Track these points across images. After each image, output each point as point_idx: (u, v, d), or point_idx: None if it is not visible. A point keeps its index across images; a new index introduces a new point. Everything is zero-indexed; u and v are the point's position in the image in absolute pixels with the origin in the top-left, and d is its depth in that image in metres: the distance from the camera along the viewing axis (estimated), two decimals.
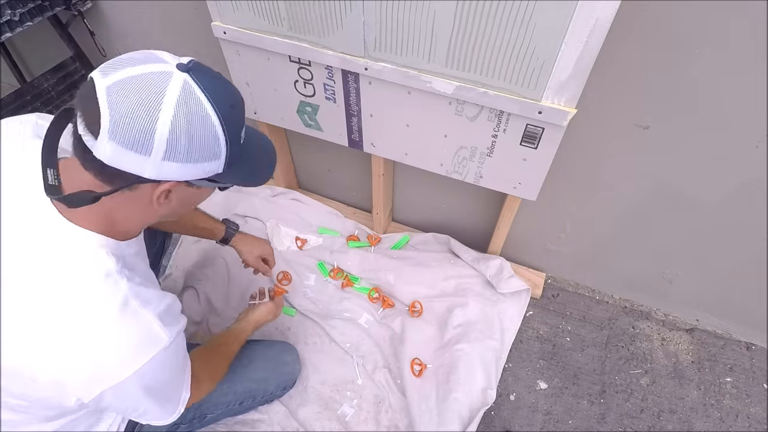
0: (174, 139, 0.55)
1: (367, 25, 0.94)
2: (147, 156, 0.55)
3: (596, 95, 0.98)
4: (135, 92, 0.54)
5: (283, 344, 1.21)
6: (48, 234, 0.62)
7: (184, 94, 0.56)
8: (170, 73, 0.56)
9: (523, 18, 0.80)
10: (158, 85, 0.55)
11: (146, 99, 0.54)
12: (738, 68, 0.86)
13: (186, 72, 0.57)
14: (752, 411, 1.26)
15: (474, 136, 1.05)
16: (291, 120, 1.27)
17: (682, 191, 1.11)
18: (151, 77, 0.55)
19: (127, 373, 0.62)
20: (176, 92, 0.55)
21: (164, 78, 0.55)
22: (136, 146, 0.54)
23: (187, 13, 1.31)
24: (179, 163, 0.57)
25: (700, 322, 1.41)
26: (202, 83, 0.57)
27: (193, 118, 0.56)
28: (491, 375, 1.25)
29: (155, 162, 0.56)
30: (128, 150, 0.54)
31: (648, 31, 0.87)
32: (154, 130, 0.54)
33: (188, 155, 0.57)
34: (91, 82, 0.55)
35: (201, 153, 0.58)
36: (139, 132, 0.54)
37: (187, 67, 0.57)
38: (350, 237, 1.55)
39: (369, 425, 1.19)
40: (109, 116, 0.53)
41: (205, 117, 0.57)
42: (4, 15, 1.28)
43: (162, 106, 0.54)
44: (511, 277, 1.40)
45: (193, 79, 0.57)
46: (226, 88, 0.61)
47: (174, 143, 0.55)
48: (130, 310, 0.62)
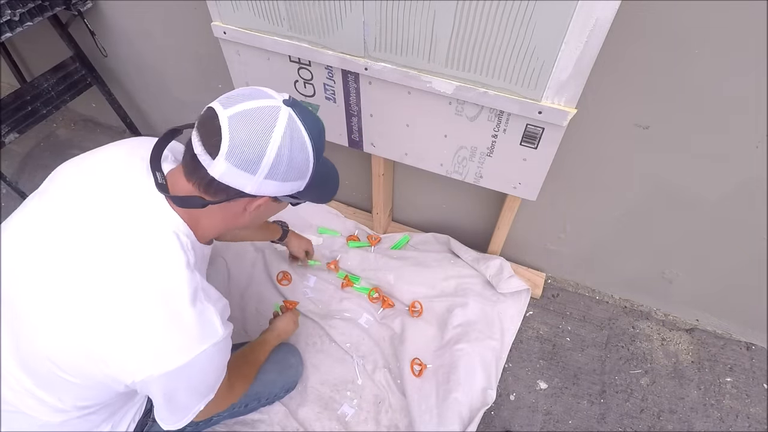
0: (278, 162, 0.66)
1: (367, 25, 0.94)
2: (252, 175, 0.65)
3: (596, 95, 0.98)
4: (252, 123, 0.64)
5: (287, 346, 1.21)
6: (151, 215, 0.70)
7: (289, 125, 0.66)
8: (278, 107, 0.67)
9: (523, 18, 0.80)
10: (270, 117, 0.65)
11: (261, 129, 0.65)
12: (738, 68, 0.86)
13: (290, 107, 0.68)
14: (752, 411, 1.26)
15: (474, 136, 1.05)
16: None
17: (682, 191, 1.11)
18: (263, 111, 0.66)
19: (182, 360, 0.67)
20: (284, 124, 0.66)
21: (274, 112, 0.66)
22: (246, 166, 0.65)
23: (187, 13, 1.31)
24: (276, 182, 0.68)
25: (700, 322, 1.41)
26: (301, 116, 0.68)
27: (294, 144, 0.67)
28: (491, 375, 1.25)
29: (258, 180, 0.66)
30: (239, 169, 0.65)
31: (648, 31, 0.87)
32: (263, 154, 0.65)
33: (286, 176, 0.68)
34: (212, 112, 0.65)
35: (295, 173, 0.69)
36: (252, 155, 0.64)
37: (290, 102, 0.69)
38: (350, 237, 1.55)
39: (369, 425, 1.19)
40: (228, 141, 0.63)
41: (303, 144, 0.68)
42: (4, 15, 1.28)
43: (273, 135, 0.65)
44: (511, 277, 1.40)
45: (295, 112, 0.68)
46: (316, 119, 0.73)
47: (276, 165, 0.66)
48: (198, 301, 0.69)
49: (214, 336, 0.70)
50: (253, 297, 1.40)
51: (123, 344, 0.65)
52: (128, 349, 0.66)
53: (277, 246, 1.52)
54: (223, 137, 0.63)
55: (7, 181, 1.51)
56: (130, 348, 0.66)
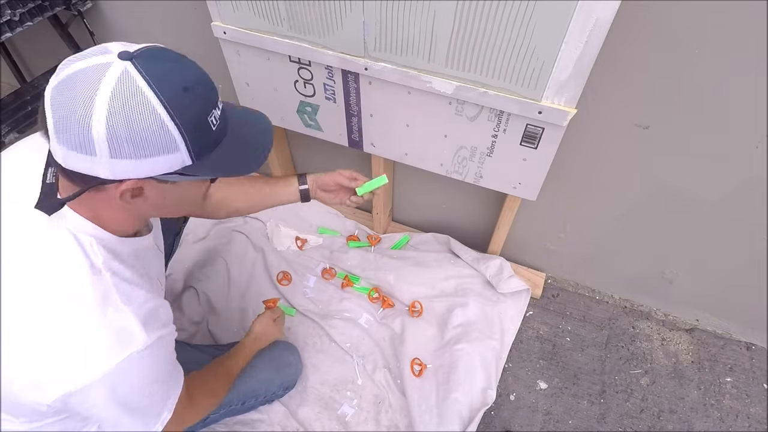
0: (114, 135, 0.51)
1: (367, 25, 0.94)
2: (93, 155, 0.52)
3: (596, 95, 0.98)
4: (71, 91, 0.51)
5: (285, 344, 1.21)
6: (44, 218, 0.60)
7: (120, 86, 0.51)
8: (108, 64, 0.52)
9: (523, 18, 0.80)
10: (93, 79, 0.51)
11: (80, 97, 0.51)
12: (738, 68, 0.86)
13: (129, 59, 0.52)
14: (752, 411, 1.26)
15: (474, 136, 1.05)
16: (291, 120, 1.27)
17: (682, 191, 1.11)
18: (88, 72, 0.52)
19: (94, 375, 0.58)
20: (111, 84, 0.51)
21: (100, 71, 0.51)
22: (79, 147, 0.52)
23: (187, 13, 1.31)
24: (130, 160, 0.53)
25: (700, 322, 1.41)
26: (145, 69, 0.52)
27: (131, 109, 0.51)
28: (491, 375, 1.25)
29: (103, 161, 0.53)
30: (74, 152, 0.52)
31: (648, 31, 0.87)
32: (89, 128, 0.51)
33: (136, 151, 0.53)
34: None
35: (149, 147, 0.53)
36: (77, 132, 0.51)
37: (131, 54, 0.53)
38: (350, 237, 1.55)
39: (369, 425, 1.19)
40: (52, 119, 0.52)
41: (145, 106, 0.52)
42: (4, 15, 1.28)
43: (95, 103, 0.50)
44: (511, 277, 1.40)
45: (135, 66, 0.52)
46: (181, 71, 0.56)
47: (114, 140, 0.52)
48: (109, 305, 0.60)
49: (131, 344, 0.61)
50: (253, 297, 1.40)
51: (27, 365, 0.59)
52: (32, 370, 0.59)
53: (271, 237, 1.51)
54: (47, 114, 0.52)
55: None
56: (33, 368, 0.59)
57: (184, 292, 1.40)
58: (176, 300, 1.38)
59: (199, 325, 1.34)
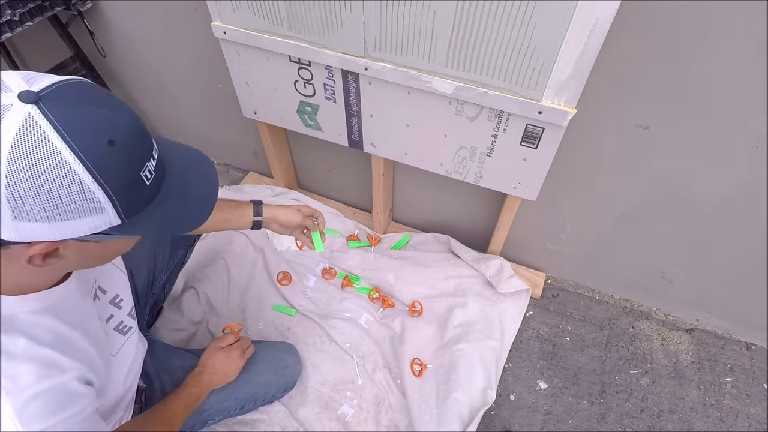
0: (17, 197, 0.43)
1: (367, 25, 0.94)
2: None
3: (596, 95, 0.98)
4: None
5: (284, 345, 1.20)
6: None
7: (22, 139, 0.42)
8: (7, 107, 0.42)
9: (523, 18, 0.80)
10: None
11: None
12: (738, 68, 0.86)
13: (33, 103, 0.43)
14: (752, 411, 1.26)
15: (474, 136, 1.05)
16: (291, 120, 1.27)
17: (682, 191, 1.11)
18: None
19: None
20: (10, 137, 0.41)
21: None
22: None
23: (187, 13, 1.31)
24: (40, 223, 0.45)
25: (700, 322, 1.41)
26: (56, 116, 0.43)
27: (37, 167, 0.42)
28: (491, 375, 1.25)
29: (6, 223, 0.44)
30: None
31: (648, 31, 0.87)
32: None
33: (47, 213, 0.45)
34: None
35: (65, 209, 0.45)
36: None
37: (36, 96, 0.43)
38: (350, 237, 1.55)
39: (369, 425, 1.19)
40: None
41: (57, 163, 0.43)
42: (4, 15, 1.28)
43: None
44: (511, 277, 1.40)
45: (42, 111, 0.43)
46: (103, 118, 0.46)
47: (18, 201, 0.43)
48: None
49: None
50: (253, 297, 1.40)
51: None
52: None
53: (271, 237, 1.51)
54: None
55: None
56: None
57: (184, 292, 1.39)
58: (176, 300, 1.38)
59: (199, 325, 1.34)
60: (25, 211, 0.44)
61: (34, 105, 0.43)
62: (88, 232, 0.48)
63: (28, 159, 0.42)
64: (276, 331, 1.35)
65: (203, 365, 1.01)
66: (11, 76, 0.45)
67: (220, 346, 1.04)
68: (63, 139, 0.43)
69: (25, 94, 0.43)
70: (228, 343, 1.06)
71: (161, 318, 1.33)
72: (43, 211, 0.44)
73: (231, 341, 1.06)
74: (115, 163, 0.46)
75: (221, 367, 1.01)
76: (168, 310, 1.35)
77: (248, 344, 1.09)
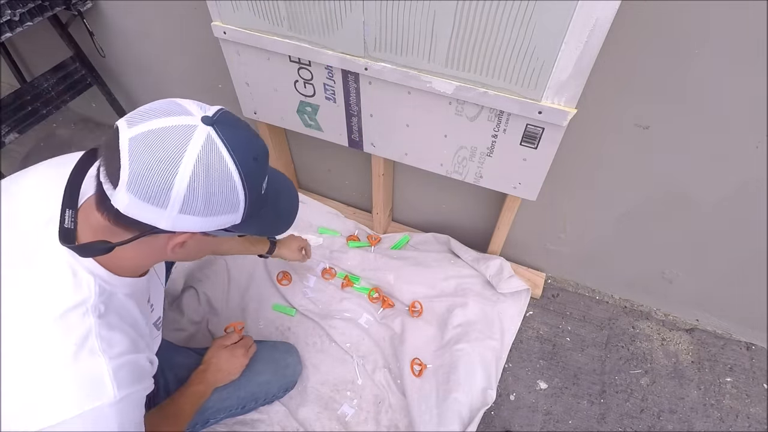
0: (191, 194, 0.54)
1: (367, 25, 0.94)
2: (163, 209, 0.55)
3: (596, 95, 0.98)
4: (157, 146, 0.53)
5: (285, 345, 1.21)
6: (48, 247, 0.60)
7: (205, 150, 0.55)
8: (193, 127, 0.55)
9: (523, 18, 0.80)
10: (180, 140, 0.54)
11: (167, 155, 0.53)
12: (738, 68, 0.86)
13: (211, 125, 0.56)
14: (752, 411, 1.26)
15: (474, 136, 1.05)
16: (291, 120, 1.27)
17: (682, 191, 1.11)
18: (174, 131, 0.54)
19: (50, 421, 0.55)
20: (197, 148, 0.54)
21: (187, 133, 0.54)
22: (152, 199, 0.54)
23: (187, 13, 1.31)
24: (196, 217, 0.57)
25: (700, 322, 1.41)
26: (226, 137, 0.56)
27: (212, 173, 0.55)
28: (491, 375, 1.25)
29: (171, 215, 0.55)
30: (144, 202, 0.54)
31: (648, 31, 0.87)
32: (171, 185, 0.53)
33: (205, 209, 0.56)
34: (116, 131, 0.55)
35: (218, 207, 0.57)
36: (156, 187, 0.53)
37: (212, 120, 0.56)
38: (350, 237, 1.55)
39: (369, 425, 1.19)
40: (129, 169, 0.53)
41: (225, 172, 0.56)
42: (4, 15, 1.28)
43: (182, 163, 0.53)
44: (511, 277, 1.40)
45: (217, 132, 0.56)
46: (250, 140, 0.60)
47: (191, 198, 0.55)
48: (84, 349, 0.58)
49: (98, 397, 0.57)
50: (253, 297, 1.40)
51: None
52: None
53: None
54: (122, 164, 0.53)
55: None
56: None
57: (184, 292, 1.39)
58: (176, 300, 1.38)
59: (199, 325, 1.34)
60: (191, 206, 0.55)
61: (212, 127, 0.56)
62: (219, 227, 0.60)
63: (207, 167, 0.55)
64: (276, 331, 1.35)
65: (207, 363, 1.02)
66: (189, 103, 0.58)
67: (224, 344, 1.06)
68: (230, 154, 0.56)
69: (206, 119, 0.56)
70: (232, 341, 1.08)
71: (162, 318, 1.33)
72: (204, 207, 0.56)
73: (235, 340, 1.08)
74: (255, 175, 0.60)
75: (225, 365, 1.03)
76: (168, 309, 1.35)
77: (251, 343, 1.10)
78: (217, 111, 0.58)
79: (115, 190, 0.54)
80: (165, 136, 0.54)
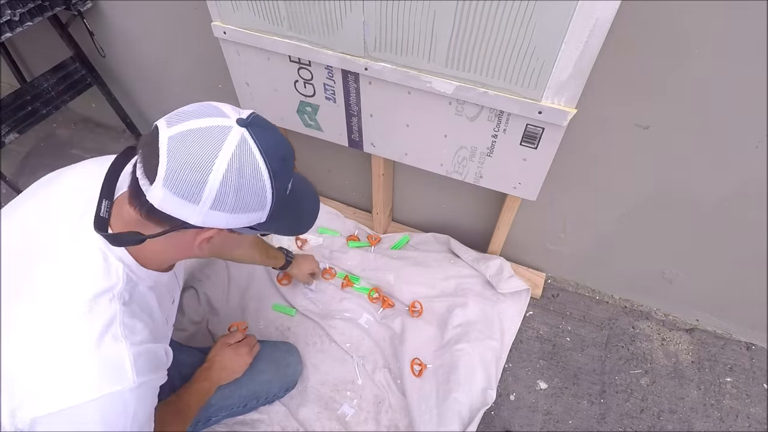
0: (223, 191, 0.57)
1: (367, 25, 0.94)
2: (195, 204, 0.57)
3: (596, 95, 0.98)
4: (194, 145, 0.56)
5: (285, 345, 1.21)
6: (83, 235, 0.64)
7: (239, 150, 0.57)
8: (229, 128, 0.58)
9: (523, 18, 0.80)
10: (216, 139, 0.57)
11: (203, 153, 0.56)
12: (738, 68, 0.86)
13: (245, 127, 0.58)
14: (752, 411, 1.26)
15: (474, 136, 1.05)
16: (291, 120, 1.27)
17: (682, 191, 1.11)
18: (210, 132, 0.57)
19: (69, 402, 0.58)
20: (232, 147, 0.57)
21: (223, 133, 0.57)
22: (186, 195, 0.56)
23: (187, 13, 1.31)
24: (225, 213, 0.59)
25: (700, 322, 1.41)
26: (258, 138, 0.59)
27: (245, 172, 0.57)
28: (491, 375, 1.25)
29: (202, 210, 0.58)
30: (178, 198, 0.57)
31: (648, 31, 0.87)
32: (205, 182, 0.56)
33: (235, 206, 0.59)
34: (155, 130, 0.58)
35: (247, 205, 0.60)
36: (192, 183, 0.56)
37: (246, 122, 0.59)
38: (350, 237, 1.55)
39: (369, 425, 1.19)
40: (166, 165, 0.55)
41: (256, 171, 0.58)
42: (4, 15, 1.28)
43: (216, 161, 0.56)
44: (511, 277, 1.40)
45: (250, 133, 0.58)
46: (279, 143, 0.62)
47: (223, 195, 0.57)
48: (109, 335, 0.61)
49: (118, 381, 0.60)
50: (253, 297, 1.40)
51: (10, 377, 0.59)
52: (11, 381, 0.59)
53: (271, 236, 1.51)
54: (161, 161, 0.56)
55: (7, 181, 1.51)
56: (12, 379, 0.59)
57: (184, 292, 1.39)
58: None
59: (200, 325, 1.34)
60: (222, 202, 0.58)
61: (246, 129, 0.58)
62: (245, 224, 0.62)
63: (240, 166, 0.57)
64: (276, 331, 1.35)
65: (212, 361, 1.03)
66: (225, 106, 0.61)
67: (228, 343, 1.07)
68: (261, 154, 0.58)
69: (240, 120, 0.59)
70: (236, 340, 1.09)
71: None
72: (235, 204, 0.58)
73: (239, 338, 1.10)
74: (283, 175, 0.62)
75: (229, 363, 1.04)
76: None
77: (255, 342, 1.11)
78: (250, 114, 0.61)
79: (151, 186, 0.57)
80: (202, 136, 0.57)
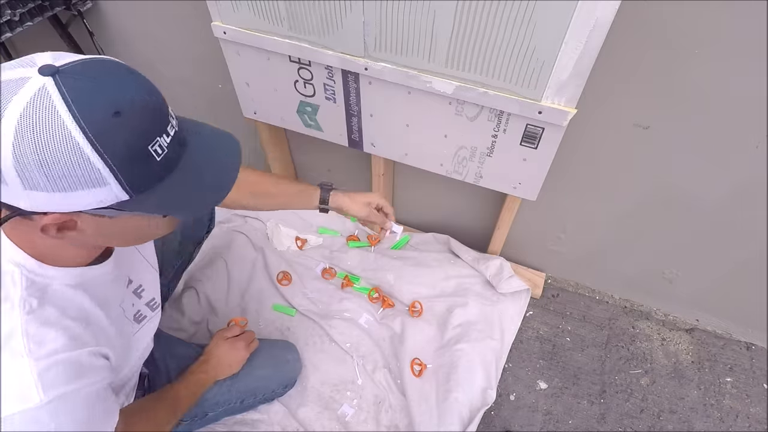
0: (23, 165, 0.44)
1: (367, 25, 0.94)
2: (6, 185, 0.46)
3: (596, 95, 0.98)
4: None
5: (284, 343, 1.21)
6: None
7: (30, 107, 0.43)
8: (25, 79, 0.44)
9: (523, 18, 0.80)
10: (5, 99, 0.44)
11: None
12: (738, 68, 0.86)
13: (51, 75, 0.44)
14: (752, 411, 1.26)
15: (474, 136, 1.05)
16: (291, 120, 1.27)
17: (682, 191, 1.11)
18: (5, 88, 0.44)
19: None
20: (20, 106, 0.43)
21: (14, 88, 0.44)
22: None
23: (187, 13, 1.31)
24: (46, 193, 0.46)
25: (700, 322, 1.41)
26: (69, 88, 0.44)
27: (40, 135, 0.43)
28: (491, 375, 1.25)
29: (18, 192, 0.46)
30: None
31: (648, 31, 0.87)
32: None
33: (52, 184, 0.46)
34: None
35: (69, 180, 0.46)
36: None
37: (55, 68, 0.45)
38: (350, 237, 1.55)
39: (369, 425, 1.19)
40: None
41: (59, 132, 0.44)
42: (4, 15, 1.28)
43: (1, 126, 0.43)
44: (511, 277, 1.40)
45: (57, 83, 0.44)
46: (117, 89, 0.47)
47: (24, 170, 0.44)
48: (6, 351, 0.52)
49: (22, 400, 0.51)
50: (253, 297, 1.40)
51: None
52: None
53: (271, 237, 1.51)
54: None
55: None
56: None
57: (184, 292, 1.39)
58: (176, 300, 1.38)
59: (200, 325, 1.34)
60: (31, 180, 0.45)
61: (51, 77, 0.44)
62: (95, 205, 0.49)
63: (33, 129, 0.43)
64: (276, 331, 1.35)
65: (209, 354, 1.03)
66: (43, 56, 0.47)
67: (225, 337, 1.06)
68: (69, 110, 0.44)
69: (45, 68, 0.45)
70: (233, 334, 1.08)
71: (162, 317, 1.33)
72: (47, 180, 0.45)
73: (236, 333, 1.09)
74: (118, 135, 0.47)
75: (226, 357, 1.03)
76: (168, 309, 1.35)
77: (253, 337, 1.11)
78: (78, 60, 0.47)
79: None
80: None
